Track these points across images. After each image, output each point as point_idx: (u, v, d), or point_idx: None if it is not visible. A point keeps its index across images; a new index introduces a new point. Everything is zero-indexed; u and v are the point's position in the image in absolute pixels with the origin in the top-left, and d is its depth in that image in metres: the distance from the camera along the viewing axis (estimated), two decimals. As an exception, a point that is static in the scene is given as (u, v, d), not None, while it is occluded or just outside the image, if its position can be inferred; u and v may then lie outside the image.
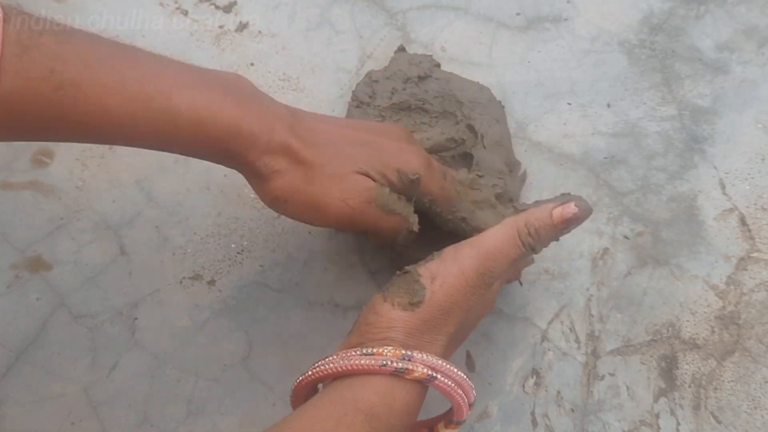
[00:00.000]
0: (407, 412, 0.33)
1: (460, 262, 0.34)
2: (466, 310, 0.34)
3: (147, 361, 0.45)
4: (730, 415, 0.43)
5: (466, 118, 0.48)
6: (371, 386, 0.32)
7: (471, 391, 0.34)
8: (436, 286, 0.34)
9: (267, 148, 0.35)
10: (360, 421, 0.30)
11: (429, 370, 0.32)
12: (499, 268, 0.35)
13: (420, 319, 0.33)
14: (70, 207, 0.50)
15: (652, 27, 0.55)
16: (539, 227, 0.35)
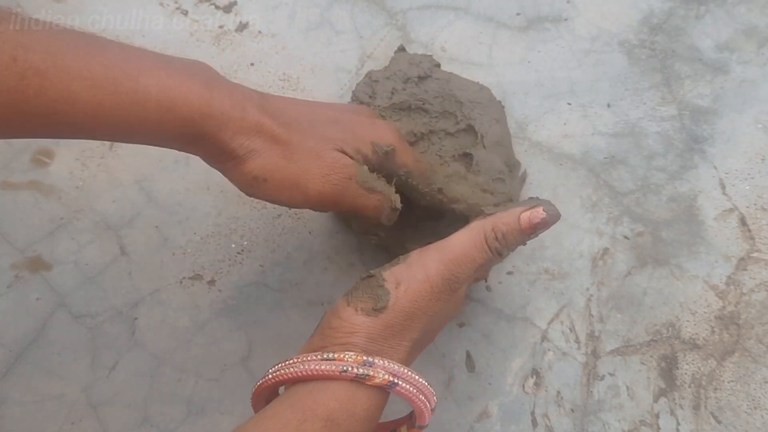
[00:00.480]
0: (368, 418, 0.32)
1: (426, 267, 0.34)
2: (431, 315, 0.34)
3: (147, 361, 0.45)
4: (730, 415, 0.43)
5: (466, 118, 0.48)
6: (332, 392, 0.31)
7: (432, 397, 0.34)
8: (400, 292, 0.33)
9: (240, 128, 0.34)
10: (320, 427, 0.30)
11: (390, 376, 0.32)
12: (465, 273, 0.34)
13: (383, 325, 0.33)
14: (70, 207, 0.50)
15: (652, 27, 0.55)
16: (506, 232, 0.35)
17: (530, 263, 0.48)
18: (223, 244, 0.49)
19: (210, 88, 0.34)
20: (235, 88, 0.35)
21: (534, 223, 0.35)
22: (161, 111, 0.32)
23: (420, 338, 0.35)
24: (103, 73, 0.31)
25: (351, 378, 0.31)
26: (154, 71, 0.32)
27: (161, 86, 0.32)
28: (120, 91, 0.31)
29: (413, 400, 0.33)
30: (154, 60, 0.33)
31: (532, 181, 0.50)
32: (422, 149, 0.48)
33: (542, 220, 0.35)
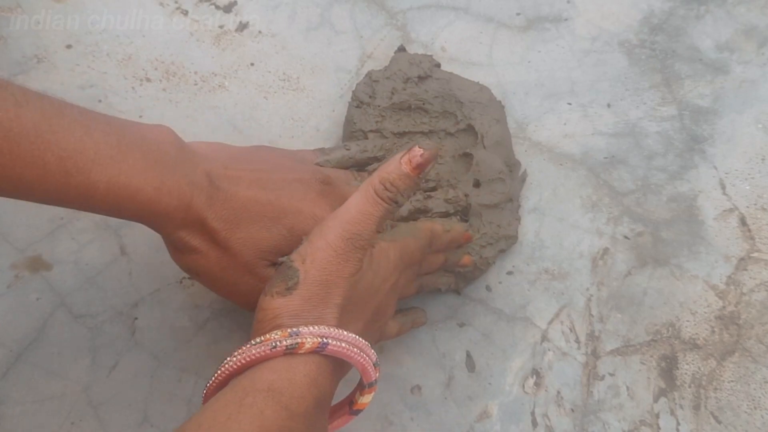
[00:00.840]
0: (313, 384, 0.32)
1: (325, 235, 0.35)
2: (348, 278, 0.35)
3: (147, 361, 0.45)
4: (730, 415, 0.43)
5: (466, 118, 0.48)
6: (268, 368, 0.32)
7: (369, 350, 0.34)
8: (307, 265, 0.34)
9: (182, 224, 0.36)
10: (263, 398, 0.31)
11: (319, 338, 0.32)
12: (366, 230, 0.35)
13: (301, 299, 0.34)
14: (70, 207, 0.50)
15: (652, 27, 0.55)
16: (393, 179, 0.35)
17: (530, 263, 0.48)
18: (223, 244, 0.49)
19: (159, 184, 0.34)
20: (186, 176, 0.36)
21: (415, 163, 0.35)
22: (108, 205, 0.34)
23: (347, 303, 0.35)
24: (55, 164, 0.32)
25: (282, 351, 0.32)
26: (107, 164, 0.33)
27: (110, 183, 0.33)
28: (70, 183, 0.32)
29: (349, 356, 0.33)
30: (110, 148, 0.33)
31: (532, 181, 0.50)
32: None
33: (421, 157, 0.36)
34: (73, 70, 0.54)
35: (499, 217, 0.46)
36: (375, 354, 0.35)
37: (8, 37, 0.55)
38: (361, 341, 0.34)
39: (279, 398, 0.31)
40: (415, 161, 0.35)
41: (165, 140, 0.36)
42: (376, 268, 0.37)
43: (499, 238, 0.46)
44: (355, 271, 0.35)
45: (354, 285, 0.35)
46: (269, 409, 0.31)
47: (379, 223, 0.36)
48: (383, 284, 0.38)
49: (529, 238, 0.49)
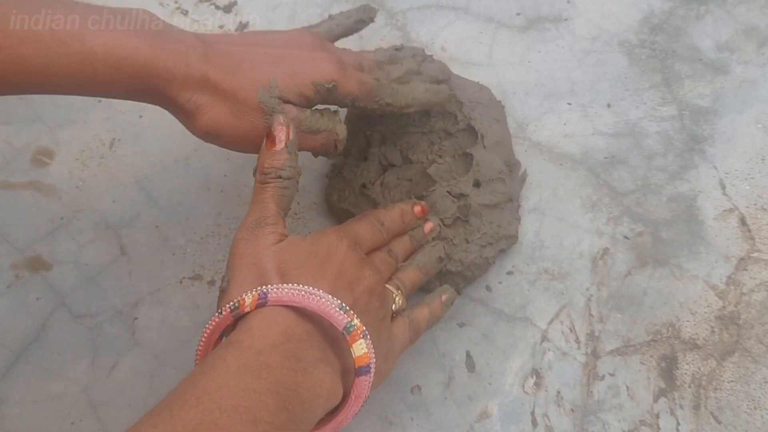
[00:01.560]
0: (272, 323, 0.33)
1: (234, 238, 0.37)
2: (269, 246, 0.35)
3: (147, 361, 0.45)
4: (730, 415, 0.43)
5: (466, 118, 0.48)
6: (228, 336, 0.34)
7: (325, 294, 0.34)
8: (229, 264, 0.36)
9: (185, 82, 0.36)
10: (222, 349, 0.32)
11: (258, 292, 0.33)
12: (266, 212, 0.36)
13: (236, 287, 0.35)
14: (70, 207, 0.50)
15: (652, 27, 0.55)
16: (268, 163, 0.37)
17: (530, 263, 0.48)
18: (223, 244, 0.49)
19: (154, 44, 0.35)
20: (179, 40, 0.37)
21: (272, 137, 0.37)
22: (109, 70, 0.34)
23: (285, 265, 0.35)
24: (49, 36, 0.32)
25: (230, 315, 0.33)
26: (100, 31, 0.34)
27: (107, 46, 0.34)
28: (68, 53, 0.33)
29: (295, 300, 0.33)
30: (98, 17, 0.34)
31: (532, 181, 0.50)
32: (423, 148, 0.48)
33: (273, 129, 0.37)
34: (73, 70, 0.54)
35: (499, 217, 0.46)
36: (337, 300, 0.34)
37: (8, 37, 0.55)
38: (312, 288, 0.34)
39: (239, 344, 0.32)
40: (273, 137, 0.37)
41: (149, 15, 0.37)
42: (312, 239, 0.37)
43: (499, 238, 0.46)
44: (274, 241, 0.36)
45: (282, 250, 0.35)
46: (231, 354, 0.31)
47: (276, 201, 0.37)
48: (332, 250, 0.37)
49: (529, 238, 0.49)
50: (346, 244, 0.38)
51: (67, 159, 0.51)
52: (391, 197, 0.47)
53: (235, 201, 0.50)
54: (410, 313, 0.41)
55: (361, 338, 0.34)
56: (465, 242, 0.45)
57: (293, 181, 0.37)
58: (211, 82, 0.36)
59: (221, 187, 0.50)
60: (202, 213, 0.50)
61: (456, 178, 0.47)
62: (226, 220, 0.49)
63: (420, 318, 0.41)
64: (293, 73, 0.39)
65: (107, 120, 0.53)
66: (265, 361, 0.31)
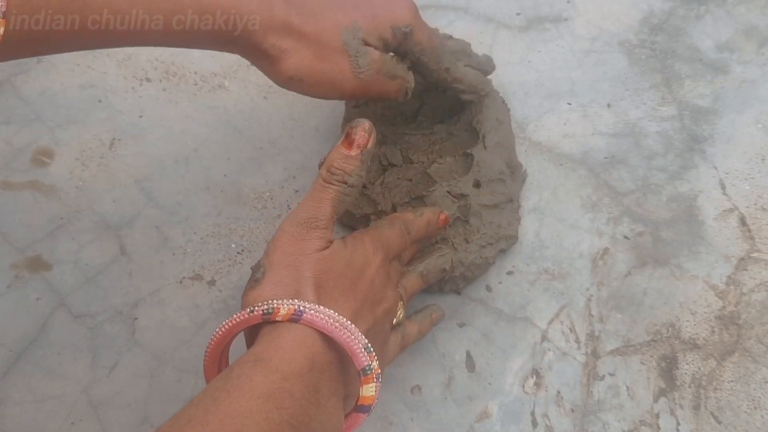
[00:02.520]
0: (302, 346, 0.32)
1: (281, 227, 0.36)
2: (312, 253, 0.35)
3: (147, 361, 0.45)
4: (730, 415, 0.43)
5: (469, 118, 0.48)
6: (253, 347, 0.33)
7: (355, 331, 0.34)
8: (270, 256, 0.36)
9: (269, 27, 0.37)
10: (249, 367, 0.31)
11: (294, 306, 0.33)
12: (321, 213, 0.36)
13: (270, 285, 0.34)
14: (70, 207, 0.50)
15: (652, 27, 0.55)
16: (337, 162, 0.37)
17: (530, 263, 0.48)
18: (223, 244, 0.49)
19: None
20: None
21: (351, 140, 0.37)
22: (196, 14, 0.35)
23: (322, 277, 0.35)
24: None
25: (260, 316, 0.33)
26: None
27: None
28: (158, 1, 0.34)
29: (328, 328, 0.33)
30: None
31: (532, 181, 0.50)
32: (423, 148, 0.48)
33: (356, 134, 0.37)
34: (73, 70, 0.54)
35: (499, 218, 0.46)
36: (365, 339, 0.34)
37: (8, 37, 0.55)
38: (344, 320, 0.34)
39: (267, 364, 0.31)
40: (353, 140, 0.37)
41: None
42: (353, 248, 0.37)
43: (499, 238, 0.46)
44: (319, 248, 0.35)
45: (324, 260, 0.35)
46: (258, 375, 0.31)
47: (333, 204, 0.37)
48: (367, 264, 0.37)
49: (529, 238, 0.49)
50: (380, 258, 0.38)
51: (67, 159, 0.51)
52: (391, 197, 0.47)
53: (235, 201, 0.50)
54: (404, 329, 0.41)
55: (373, 381, 0.34)
56: (465, 242, 0.45)
57: (356, 189, 0.37)
58: (294, 25, 0.37)
59: (221, 187, 0.50)
60: (202, 213, 0.50)
61: (456, 178, 0.47)
62: (226, 220, 0.49)
63: (410, 334, 0.41)
64: (374, 15, 0.39)
65: (107, 120, 0.53)
66: (290, 389, 0.31)
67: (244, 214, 0.49)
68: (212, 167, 0.51)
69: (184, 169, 0.51)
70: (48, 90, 0.54)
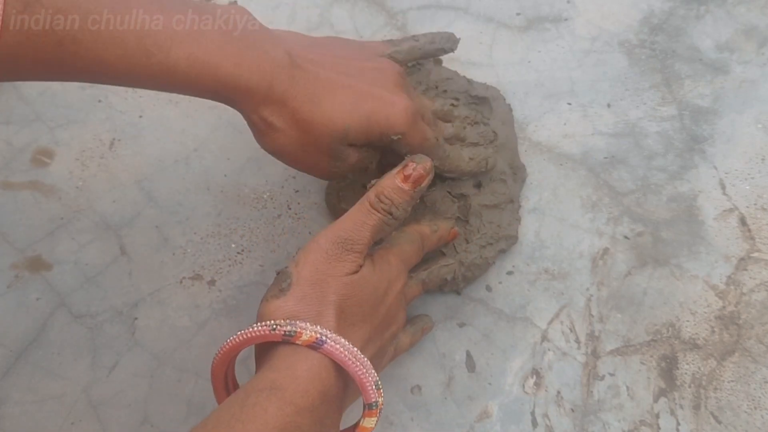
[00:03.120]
0: (317, 379, 0.32)
1: (317, 240, 0.36)
2: (341, 277, 0.35)
3: (147, 361, 0.45)
4: (730, 415, 0.43)
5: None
6: (269, 367, 0.33)
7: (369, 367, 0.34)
8: (299, 267, 0.35)
9: (264, 101, 0.36)
10: (265, 396, 0.31)
11: (317, 333, 0.33)
12: (360, 236, 0.36)
13: (294, 299, 0.34)
14: (70, 207, 0.50)
15: (652, 27, 0.55)
16: (388, 192, 0.37)
17: (530, 263, 0.48)
18: (223, 244, 0.49)
19: (239, 60, 0.35)
20: (267, 53, 0.36)
21: (408, 176, 0.37)
22: (189, 82, 0.34)
23: (346, 303, 0.35)
24: (135, 43, 0.32)
25: (281, 335, 0.33)
26: (185, 41, 0.33)
27: (191, 60, 0.33)
28: (151, 63, 0.33)
29: (345, 362, 0.33)
30: (187, 24, 0.34)
31: (532, 181, 0.50)
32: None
33: (414, 171, 0.37)
34: (73, 70, 0.54)
35: (499, 218, 0.46)
36: (376, 375, 0.34)
37: (8, 37, 0.55)
38: (360, 355, 0.34)
39: (282, 394, 0.31)
40: (407, 173, 0.37)
41: (243, 18, 0.37)
42: (380, 272, 0.37)
43: (499, 239, 0.46)
44: (349, 272, 0.35)
45: (351, 285, 0.35)
46: (273, 406, 0.31)
47: (373, 232, 0.36)
48: (390, 288, 0.38)
49: (529, 238, 0.49)
50: (402, 281, 0.39)
51: (67, 159, 0.51)
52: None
53: (235, 201, 0.50)
54: (397, 341, 0.41)
55: (376, 416, 0.35)
56: (465, 242, 0.45)
57: (399, 222, 0.38)
58: (289, 107, 0.36)
59: (221, 187, 0.50)
60: (202, 213, 0.50)
61: None
62: (226, 220, 0.49)
63: (403, 346, 0.42)
64: (370, 117, 0.38)
65: (107, 120, 0.53)
66: (300, 424, 0.31)
67: (244, 214, 0.49)
68: (212, 167, 0.51)
69: (184, 169, 0.51)
70: (48, 90, 0.54)
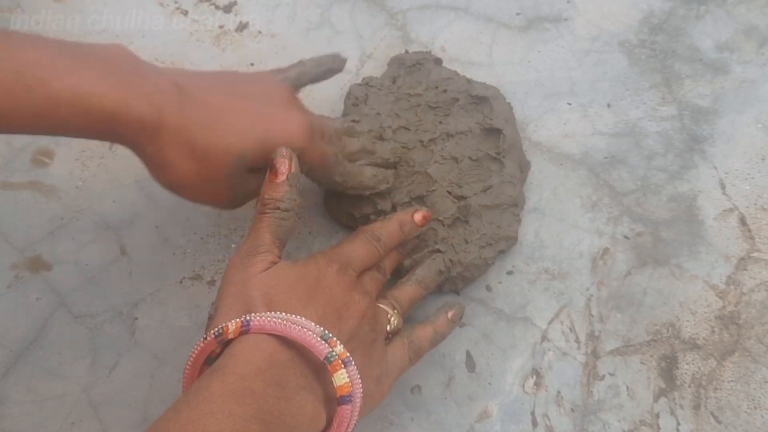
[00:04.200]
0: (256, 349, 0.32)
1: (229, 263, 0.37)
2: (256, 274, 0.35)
3: (147, 361, 0.45)
4: (730, 415, 0.43)
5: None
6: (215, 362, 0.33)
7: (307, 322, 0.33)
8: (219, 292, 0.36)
9: (156, 131, 0.34)
10: (206, 377, 0.31)
11: (241, 320, 0.33)
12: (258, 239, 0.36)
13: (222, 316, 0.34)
14: (70, 207, 0.50)
15: (652, 27, 0.55)
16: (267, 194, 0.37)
17: (530, 263, 0.48)
18: (223, 244, 0.49)
19: (125, 90, 0.33)
20: (154, 84, 0.35)
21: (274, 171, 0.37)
22: (76, 115, 0.32)
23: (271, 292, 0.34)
24: (14, 80, 0.31)
25: (214, 340, 0.33)
26: (68, 74, 0.32)
27: (75, 92, 0.32)
28: (34, 97, 0.31)
29: (277, 329, 0.32)
30: (67, 58, 0.33)
31: (532, 181, 0.50)
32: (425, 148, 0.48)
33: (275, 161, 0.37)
34: (73, 70, 0.54)
35: (499, 218, 0.46)
36: (319, 327, 0.33)
37: (8, 37, 0.55)
38: (294, 317, 0.33)
39: (223, 371, 0.31)
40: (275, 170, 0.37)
41: (122, 53, 0.36)
42: (302, 264, 0.37)
43: (499, 239, 0.46)
44: (263, 269, 0.35)
45: (269, 276, 0.35)
46: (215, 382, 0.30)
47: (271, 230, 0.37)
48: (321, 277, 0.37)
49: (529, 238, 0.49)
50: (335, 269, 0.37)
51: (67, 159, 0.51)
52: (390, 197, 0.47)
53: (235, 201, 0.50)
54: (410, 333, 0.40)
55: (342, 368, 0.33)
56: (464, 243, 0.45)
57: (292, 213, 0.37)
58: (183, 136, 0.35)
59: (221, 187, 0.50)
60: (202, 213, 0.50)
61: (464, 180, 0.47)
62: (226, 220, 0.49)
63: (422, 338, 0.40)
64: (266, 138, 0.38)
65: (107, 120, 0.53)
66: (250, 387, 0.31)
67: (244, 214, 0.49)
68: (212, 167, 0.51)
69: (184, 169, 0.51)
70: (48, 90, 0.54)
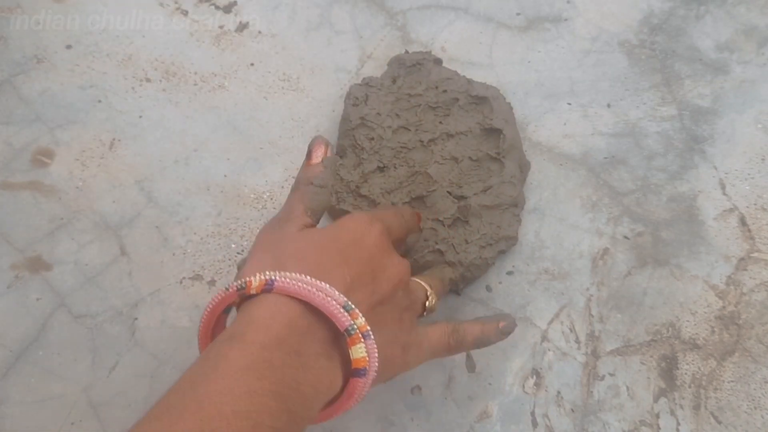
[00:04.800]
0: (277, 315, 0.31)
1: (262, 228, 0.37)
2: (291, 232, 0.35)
3: (147, 361, 0.45)
4: (730, 415, 0.43)
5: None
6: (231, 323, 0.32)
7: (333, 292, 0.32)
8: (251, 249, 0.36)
9: None
10: (224, 344, 0.30)
11: (267, 276, 0.32)
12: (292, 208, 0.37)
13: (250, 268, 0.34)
14: (70, 207, 0.50)
15: (652, 27, 0.55)
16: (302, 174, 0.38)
17: (530, 263, 0.48)
18: (223, 244, 0.49)
19: None
20: None
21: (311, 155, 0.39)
22: None
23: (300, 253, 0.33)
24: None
25: (235, 292, 0.32)
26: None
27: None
28: None
29: (300, 292, 0.31)
30: None
31: (532, 181, 0.50)
32: (428, 147, 0.48)
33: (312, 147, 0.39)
34: (72, 70, 0.54)
35: (500, 219, 0.46)
36: (343, 297, 0.32)
37: (8, 37, 0.55)
38: (319, 282, 0.32)
39: (241, 338, 0.30)
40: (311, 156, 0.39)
41: None
42: (340, 223, 0.36)
43: (499, 239, 0.46)
44: (295, 229, 0.35)
45: (304, 236, 0.35)
46: (233, 351, 0.30)
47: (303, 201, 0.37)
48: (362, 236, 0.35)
49: (529, 238, 0.49)
50: (378, 228, 0.36)
51: (67, 159, 0.51)
52: (390, 198, 0.47)
53: (235, 201, 0.50)
54: (459, 323, 0.39)
55: (361, 341, 0.32)
56: (464, 243, 0.45)
57: (325, 188, 0.38)
58: None
59: (221, 187, 0.50)
60: (202, 213, 0.50)
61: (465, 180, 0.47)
62: (226, 220, 0.49)
63: (468, 332, 0.39)
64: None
65: (107, 120, 0.53)
66: (269, 358, 0.30)
67: (244, 214, 0.49)
68: (212, 167, 0.51)
69: (184, 169, 0.51)
70: (48, 90, 0.54)
